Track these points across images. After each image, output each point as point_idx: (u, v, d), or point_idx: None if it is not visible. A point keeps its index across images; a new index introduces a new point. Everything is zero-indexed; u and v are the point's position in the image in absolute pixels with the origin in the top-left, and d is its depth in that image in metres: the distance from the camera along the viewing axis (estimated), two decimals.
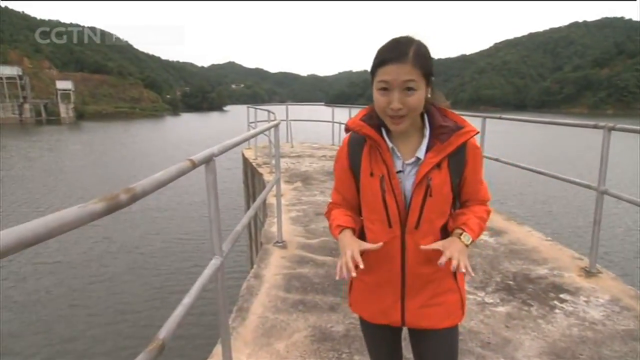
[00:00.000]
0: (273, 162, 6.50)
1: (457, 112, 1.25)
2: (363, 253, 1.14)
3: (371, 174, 1.17)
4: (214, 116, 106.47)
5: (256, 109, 9.30)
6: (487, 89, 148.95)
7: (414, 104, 1.07)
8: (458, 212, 1.22)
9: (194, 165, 1.40)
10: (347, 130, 1.23)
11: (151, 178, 1.10)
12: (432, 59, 1.11)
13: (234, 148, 2.09)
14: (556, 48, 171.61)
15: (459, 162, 1.15)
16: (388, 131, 1.17)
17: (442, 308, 1.22)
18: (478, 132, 1.18)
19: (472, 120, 1.32)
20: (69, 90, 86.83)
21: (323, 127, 11.33)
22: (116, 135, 48.58)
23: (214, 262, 1.66)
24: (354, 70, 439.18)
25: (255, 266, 3.19)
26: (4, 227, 0.64)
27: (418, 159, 1.14)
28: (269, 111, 6.64)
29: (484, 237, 3.83)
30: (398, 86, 1.06)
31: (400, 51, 1.05)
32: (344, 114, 10.21)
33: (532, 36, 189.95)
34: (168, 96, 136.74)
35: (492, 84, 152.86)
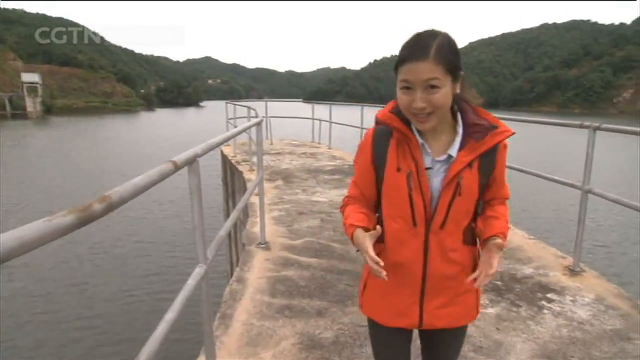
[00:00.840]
0: (253, 159, 6.36)
1: None
2: (381, 253, 1.15)
3: (398, 169, 1.11)
4: (190, 112, 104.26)
5: (235, 105, 9.07)
6: None
7: (438, 102, 1.02)
8: (489, 215, 1.18)
9: (177, 167, 1.28)
10: (377, 122, 1.18)
11: (130, 183, 0.98)
12: (457, 53, 1.05)
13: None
14: (528, 48, 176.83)
15: (490, 162, 1.12)
16: None
17: (460, 308, 1.20)
18: (514, 133, 1.13)
19: None
20: (36, 83, 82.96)
21: (302, 124, 11.20)
22: (87, 131, 46.35)
23: (198, 271, 1.54)
24: (332, 67, 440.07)
25: (237, 269, 3.06)
26: None
27: (450, 156, 1.10)
28: (249, 107, 6.47)
29: None
30: (420, 85, 1.01)
31: (422, 48, 1.00)
32: (324, 111, 10.13)
33: (505, 36, 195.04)
34: (142, 91, 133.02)
35: (467, 83, 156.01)
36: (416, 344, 1.35)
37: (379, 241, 1.17)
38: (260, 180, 3.36)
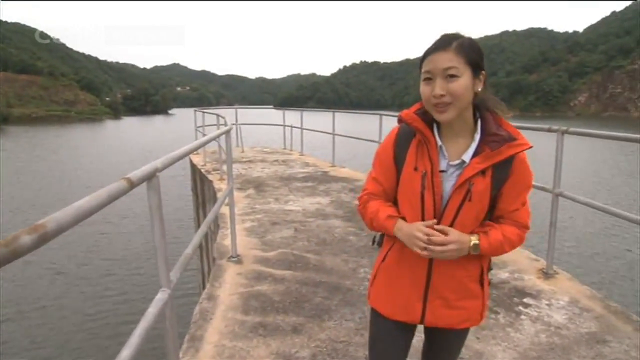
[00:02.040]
0: (224, 168, 6.16)
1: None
2: (392, 249, 1.25)
3: (415, 169, 1.16)
4: (158, 120, 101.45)
5: (204, 112, 8.85)
6: None
7: (456, 90, 1.05)
8: (489, 222, 1.19)
9: (132, 185, 1.14)
10: (399, 121, 1.22)
11: (70, 208, 0.84)
12: (480, 52, 1.10)
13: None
14: (490, 54, 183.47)
15: (503, 174, 1.13)
16: (439, 129, 1.17)
17: (463, 312, 1.22)
18: (531, 147, 1.14)
19: None
20: None
21: (274, 131, 11.07)
22: (45, 142, 43.74)
23: (160, 297, 1.39)
24: (302, 73, 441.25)
25: (208, 285, 2.90)
26: None
27: (463, 161, 1.13)
28: (218, 115, 6.29)
29: None
30: (440, 74, 1.06)
31: (444, 42, 1.07)
32: (296, 117, 10.04)
33: None
34: (107, 99, 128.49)
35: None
36: (415, 345, 1.35)
37: (392, 236, 1.24)
38: (230, 191, 3.22)
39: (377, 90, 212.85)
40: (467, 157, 1.12)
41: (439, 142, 1.15)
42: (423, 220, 1.16)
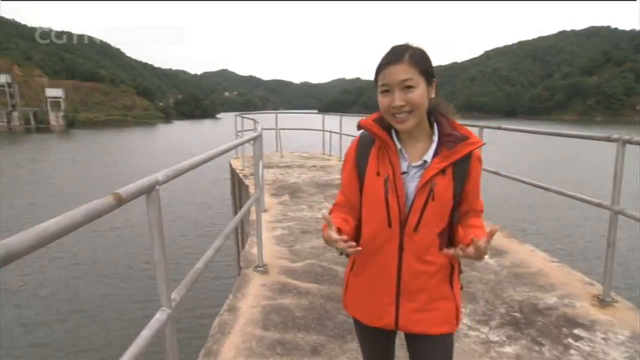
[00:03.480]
0: (261, 172, 6.15)
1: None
2: (357, 256, 1.27)
3: (377, 174, 1.20)
4: (206, 123, 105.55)
5: (243, 117, 8.98)
6: (479, 96, 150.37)
7: (415, 100, 1.12)
8: (471, 224, 1.21)
9: (120, 202, 1.06)
10: (358, 127, 1.26)
11: (32, 231, 0.76)
12: (430, 61, 1.16)
13: (215, 157, 1.77)
14: (545, 56, 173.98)
15: (463, 172, 1.18)
16: (397, 134, 1.21)
17: (437, 314, 1.23)
18: (484, 144, 1.22)
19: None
20: (59, 98, 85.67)
21: (315, 136, 11.01)
22: (103, 144, 47.19)
23: (159, 317, 1.31)
24: (347, 78, 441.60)
25: (231, 296, 2.84)
26: None
27: (425, 162, 1.18)
28: (254, 120, 6.31)
29: (484, 258, 3.51)
30: (397, 85, 1.12)
31: (397, 54, 1.13)
32: (336, 122, 9.92)
33: (521, 44, 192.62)
34: (161, 104, 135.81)
35: (483, 92, 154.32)
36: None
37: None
38: (256, 199, 3.15)
39: None
40: (428, 157, 1.17)
41: (399, 145, 1.19)
42: (390, 223, 1.18)
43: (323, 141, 10.33)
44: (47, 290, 9.21)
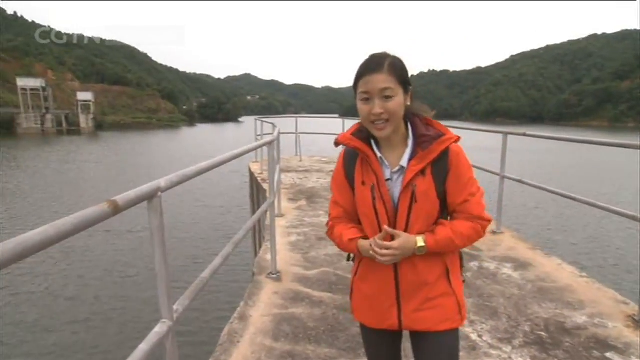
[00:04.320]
0: (276, 177, 6.11)
1: (475, 127, 1.17)
2: (361, 262, 1.33)
3: (363, 183, 1.25)
4: (229, 127, 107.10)
5: (262, 121, 9.00)
6: (503, 102, 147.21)
7: (393, 109, 1.16)
8: (441, 220, 1.24)
9: (117, 210, 1.01)
10: (336, 144, 1.32)
11: (12, 242, 0.71)
12: (406, 70, 1.20)
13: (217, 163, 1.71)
14: (574, 60, 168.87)
15: (442, 169, 1.20)
16: (377, 143, 1.25)
17: (438, 311, 1.25)
18: (459, 139, 1.22)
19: (493, 137, 1.53)
20: (89, 101, 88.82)
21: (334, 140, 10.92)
22: (129, 145, 48.51)
23: (158, 330, 1.26)
24: None
25: (242, 303, 2.78)
26: None
27: (402, 167, 1.21)
28: (273, 124, 6.30)
29: (507, 271, 3.35)
30: (377, 94, 1.15)
31: (376, 63, 1.16)
32: None
33: (549, 48, 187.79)
34: (185, 107, 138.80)
35: (508, 97, 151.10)
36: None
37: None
38: (270, 204, 3.10)
39: (446, 100, 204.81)
40: (404, 162, 1.20)
41: (379, 154, 1.23)
42: (380, 228, 1.22)
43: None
44: (40, 299, 8.64)
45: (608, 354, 2.21)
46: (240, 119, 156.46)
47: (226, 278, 9.22)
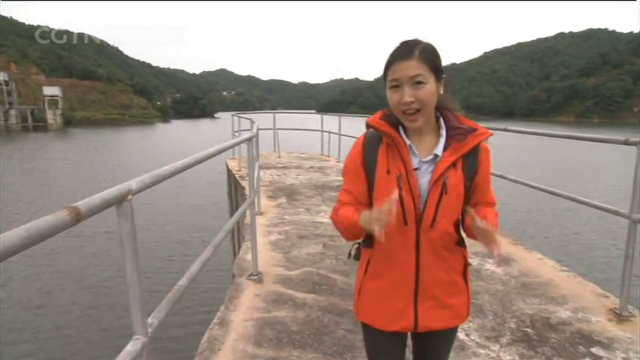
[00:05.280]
0: (254, 174, 5.94)
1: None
2: (371, 259, 1.25)
3: (388, 172, 1.17)
4: (204, 123, 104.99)
5: (239, 117, 8.80)
6: (477, 97, 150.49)
7: (424, 97, 1.10)
8: (480, 209, 1.20)
9: (78, 218, 0.87)
10: (367, 126, 1.24)
11: None
12: (439, 57, 1.14)
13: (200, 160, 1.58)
14: (543, 58, 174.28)
15: (473, 164, 1.18)
16: (405, 130, 1.19)
17: (453, 309, 1.23)
18: (492, 134, 1.21)
19: None
20: (57, 96, 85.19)
21: (313, 136, 10.82)
22: (100, 142, 46.63)
23: (130, 349, 1.13)
24: (345, 78, 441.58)
25: (222, 307, 2.66)
26: None
27: (436, 156, 1.16)
28: (251, 120, 6.14)
29: (491, 267, 3.34)
30: (407, 81, 1.09)
31: (407, 50, 1.10)
32: (333, 123, 9.75)
33: (520, 46, 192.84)
34: (158, 103, 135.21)
35: (481, 92, 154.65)
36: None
37: (368, 246, 1.25)
38: (250, 203, 2.97)
39: None
40: (439, 151, 1.15)
41: (408, 142, 1.16)
42: (405, 221, 1.15)
43: (322, 141, 10.16)
44: None
45: (593, 349, 2.21)
46: (216, 115, 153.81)
47: (204, 279, 8.92)
